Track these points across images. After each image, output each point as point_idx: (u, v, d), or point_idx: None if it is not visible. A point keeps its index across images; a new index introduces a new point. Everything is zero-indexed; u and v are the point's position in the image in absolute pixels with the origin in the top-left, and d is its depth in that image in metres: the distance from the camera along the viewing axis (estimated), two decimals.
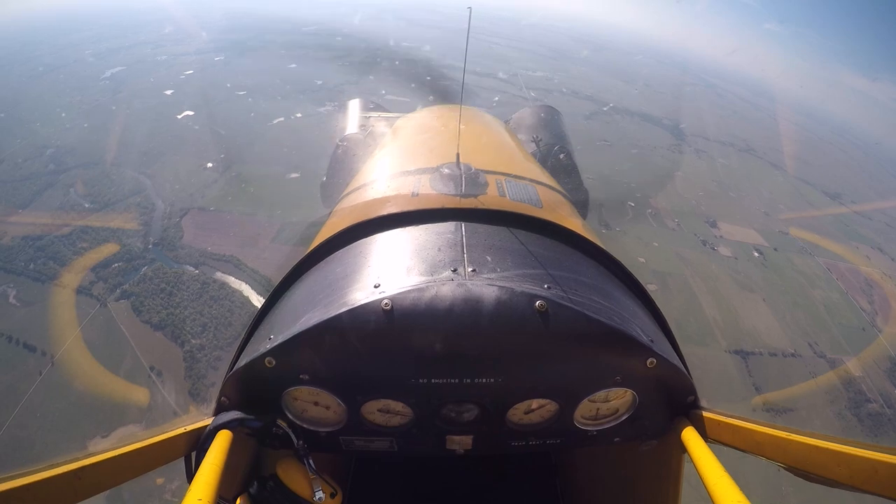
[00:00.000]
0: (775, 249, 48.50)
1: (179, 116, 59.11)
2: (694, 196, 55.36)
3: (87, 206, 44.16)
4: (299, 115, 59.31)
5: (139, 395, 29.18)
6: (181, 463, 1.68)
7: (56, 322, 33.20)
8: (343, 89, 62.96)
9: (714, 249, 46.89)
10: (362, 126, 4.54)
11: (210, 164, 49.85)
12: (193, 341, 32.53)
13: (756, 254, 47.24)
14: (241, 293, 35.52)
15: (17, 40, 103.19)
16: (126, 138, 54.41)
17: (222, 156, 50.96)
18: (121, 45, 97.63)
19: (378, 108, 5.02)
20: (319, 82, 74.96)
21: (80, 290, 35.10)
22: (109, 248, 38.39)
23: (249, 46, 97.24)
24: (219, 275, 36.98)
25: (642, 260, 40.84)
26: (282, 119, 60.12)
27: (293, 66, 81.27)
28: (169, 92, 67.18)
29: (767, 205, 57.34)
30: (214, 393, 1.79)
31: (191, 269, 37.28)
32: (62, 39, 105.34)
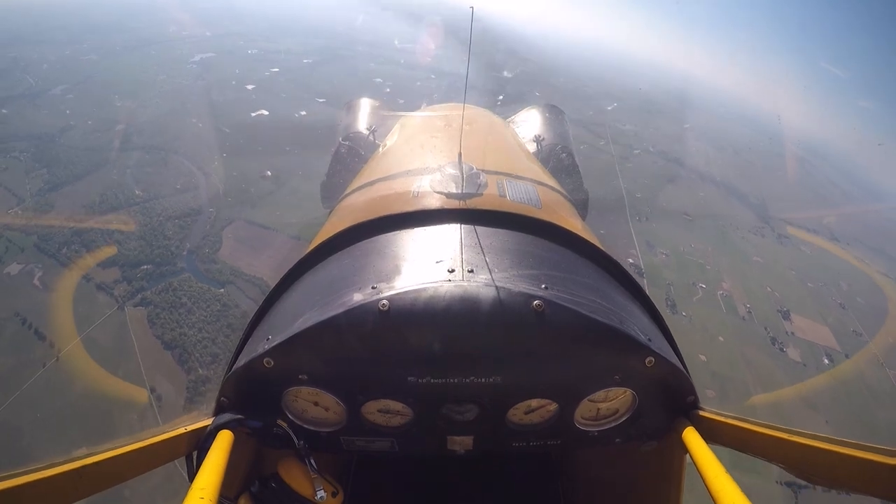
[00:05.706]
0: (847, 356, 44.08)
1: (253, 114, 58.43)
2: (769, 281, 51.58)
3: (137, 192, 43.23)
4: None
5: (133, 414, 27.24)
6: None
7: (71, 316, 31.60)
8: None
9: (783, 351, 42.62)
10: (367, 125, 4.25)
11: (269, 173, 48.20)
12: (200, 371, 30.24)
13: (826, 360, 43.11)
14: None
15: (121, 7, 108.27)
16: (195, 128, 54.10)
17: (268, 174, 49.02)
18: (216, 32, 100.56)
19: (382, 106, 4.82)
20: (402, 101, 73.32)
21: (102, 287, 33.53)
22: (141, 248, 36.72)
23: (339, 55, 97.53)
24: (243, 300, 34.42)
25: (703, 358, 37.46)
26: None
27: (378, 80, 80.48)
28: (250, 87, 67.15)
29: (845, 296, 52.70)
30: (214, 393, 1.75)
31: (216, 288, 34.90)
32: (165, 15, 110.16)
